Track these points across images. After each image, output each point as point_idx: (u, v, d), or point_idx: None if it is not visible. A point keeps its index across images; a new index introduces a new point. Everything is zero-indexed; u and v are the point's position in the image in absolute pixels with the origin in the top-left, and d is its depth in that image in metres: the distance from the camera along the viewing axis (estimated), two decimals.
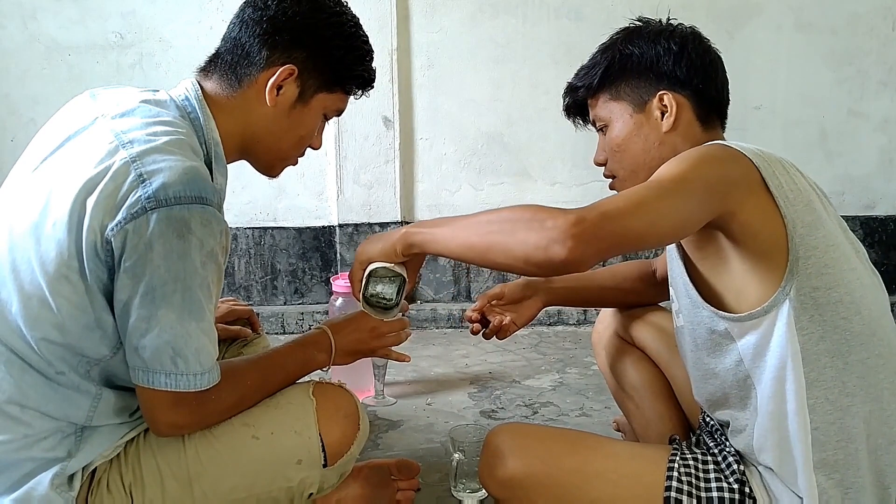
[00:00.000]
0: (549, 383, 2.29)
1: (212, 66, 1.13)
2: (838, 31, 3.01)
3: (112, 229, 0.94)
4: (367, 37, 1.17)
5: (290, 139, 1.16)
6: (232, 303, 1.55)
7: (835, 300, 0.97)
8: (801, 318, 0.97)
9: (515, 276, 1.17)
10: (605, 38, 1.23)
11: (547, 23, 3.00)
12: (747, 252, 0.98)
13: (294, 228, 3.06)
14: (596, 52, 1.19)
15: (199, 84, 1.12)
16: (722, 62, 1.15)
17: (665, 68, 1.11)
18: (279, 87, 1.10)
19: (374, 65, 1.19)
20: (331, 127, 2.95)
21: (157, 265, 0.94)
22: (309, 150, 1.22)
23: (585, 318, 3.05)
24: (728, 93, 1.16)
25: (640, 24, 1.18)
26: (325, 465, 1.12)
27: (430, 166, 3.06)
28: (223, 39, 1.14)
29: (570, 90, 1.22)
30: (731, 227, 0.98)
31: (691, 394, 1.30)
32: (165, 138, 1.00)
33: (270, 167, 1.21)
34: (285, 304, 3.09)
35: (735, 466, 1.05)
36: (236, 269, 3.06)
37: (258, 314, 2.84)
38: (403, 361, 1.33)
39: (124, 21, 2.88)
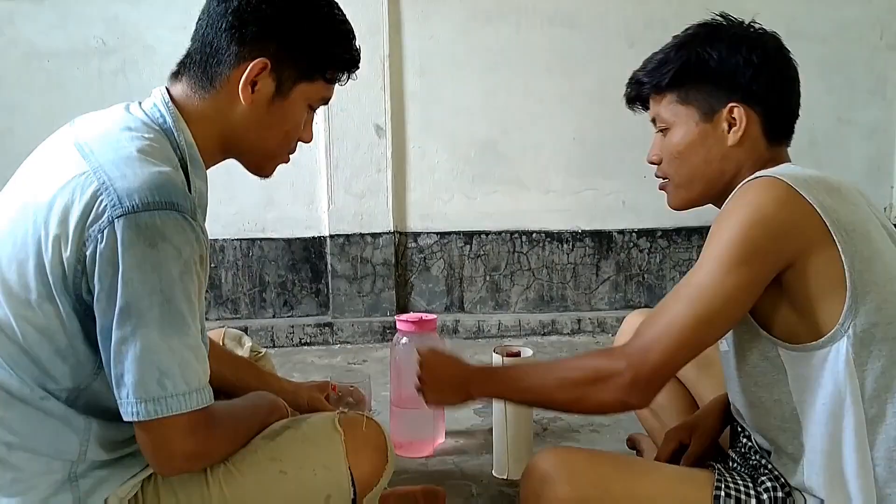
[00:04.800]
0: None
1: (183, 68, 1.06)
2: (828, 39, 3.04)
3: (81, 246, 0.88)
4: (343, 16, 1.09)
5: (274, 136, 1.09)
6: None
7: (893, 336, 0.95)
8: (861, 354, 0.94)
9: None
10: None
11: (540, 30, 2.98)
12: (801, 293, 0.96)
13: (283, 239, 2.99)
14: (669, 48, 1.11)
15: (168, 90, 1.05)
16: (798, 78, 1.10)
17: (742, 80, 1.05)
18: (254, 84, 1.03)
19: (356, 44, 1.11)
20: (321, 135, 2.91)
21: (130, 278, 0.87)
22: (299, 157, 1.17)
23: (580, 328, 3.04)
24: (799, 108, 1.11)
25: (723, 22, 1.10)
26: (353, 500, 1.07)
27: (423, 175, 3.02)
28: (192, 39, 1.06)
29: (636, 83, 1.16)
30: (787, 275, 0.96)
31: None
32: (130, 147, 0.94)
33: (260, 167, 1.14)
34: (274, 316, 3.02)
35: (780, 493, 1.03)
36: (223, 281, 2.98)
37: (246, 328, 2.79)
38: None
39: (107, 26, 2.79)
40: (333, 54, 1.08)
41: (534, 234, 3.09)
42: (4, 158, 1.04)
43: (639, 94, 1.16)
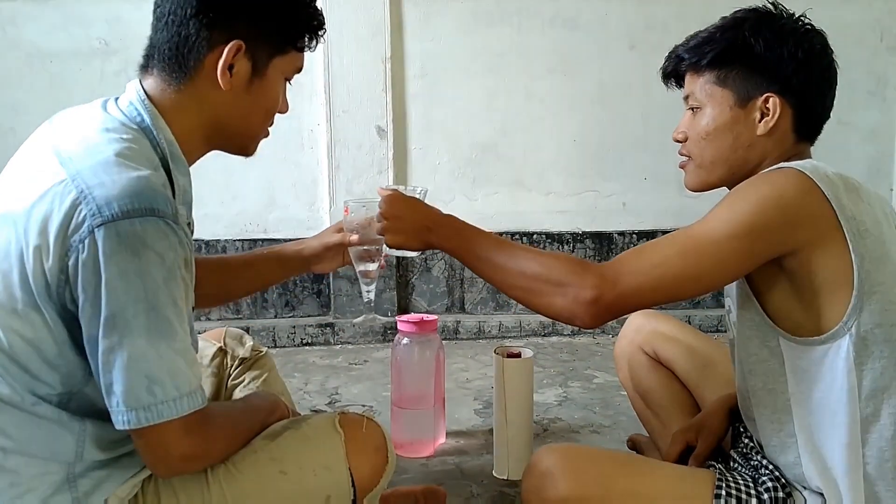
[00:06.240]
0: (554, 398, 2.26)
1: (151, 60, 1.03)
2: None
3: (63, 256, 0.87)
4: None
5: (257, 116, 1.07)
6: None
7: (895, 338, 0.96)
8: (861, 353, 0.95)
9: None
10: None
11: (541, 32, 2.99)
12: (805, 285, 0.97)
13: (285, 240, 2.95)
14: (715, 27, 1.10)
15: (142, 84, 1.02)
16: (836, 80, 1.10)
17: (783, 72, 1.04)
18: (230, 67, 1.01)
19: (318, 4, 1.08)
20: (323, 136, 2.91)
21: (114, 287, 0.86)
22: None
23: (580, 329, 3.03)
24: (831, 110, 1.10)
25: (772, 11, 1.08)
26: (354, 500, 1.07)
27: (424, 176, 3.02)
28: (154, 28, 1.02)
29: (675, 58, 1.14)
30: (789, 263, 0.96)
31: None
32: (108, 151, 0.92)
33: (244, 148, 1.12)
34: (276, 317, 3.02)
35: (781, 493, 1.03)
36: None
37: (247, 328, 2.79)
38: None
39: (109, 27, 2.80)
40: (301, 22, 1.06)
41: (534, 236, 3.09)
42: (7, 158, 1.04)
43: (676, 69, 1.15)
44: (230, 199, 2.90)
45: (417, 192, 1.21)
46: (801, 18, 1.08)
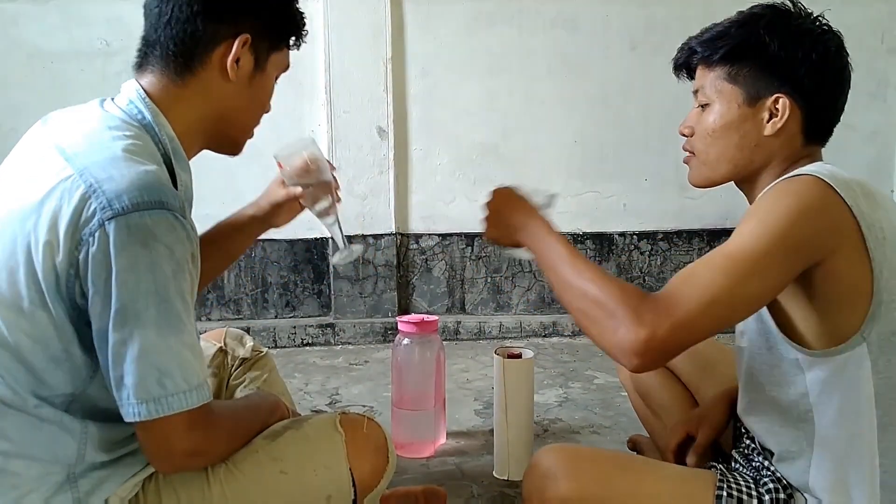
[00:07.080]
0: (555, 399, 2.26)
1: (149, 58, 1.04)
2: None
3: (73, 250, 0.88)
4: None
5: (254, 110, 1.11)
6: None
7: None
8: (879, 361, 0.94)
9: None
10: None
11: (542, 33, 2.99)
12: (825, 295, 0.95)
13: (285, 240, 3.00)
14: (730, 22, 1.07)
15: (139, 82, 1.04)
16: (850, 84, 1.07)
17: (795, 74, 1.02)
18: (237, 60, 1.03)
19: (315, 6, 1.12)
20: (324, 137, 2.91)
21: (124, 280, 0.87)
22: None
23: (580, 330, 3.03)
24: (842, 113, 1.08)
25: (790, 9, 1.05)
26: (354, 500, 1.07)
27: (425, 177, 3.03)
28: (152, 27, 1.03)
29: (688, 50, 1.12)
30: (813, 273, 0.94)
31: None
32: (114, 147, 0.93)
33: (236, 145, 1.14)
34: (276, 317, 3.02)
35: (783, 494, 1.03)
36: (226, 281, 2.99)
37: (248, 328, 2.79)
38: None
39: (110, 27, 2.80)
40: (294, 20, 1.10)
41: None
42: None
43: (687, 61, 1.13)
44: (231, 199, 2.86)
45: (540, 195, 1.18)
46: (819, 19, 1.05)
